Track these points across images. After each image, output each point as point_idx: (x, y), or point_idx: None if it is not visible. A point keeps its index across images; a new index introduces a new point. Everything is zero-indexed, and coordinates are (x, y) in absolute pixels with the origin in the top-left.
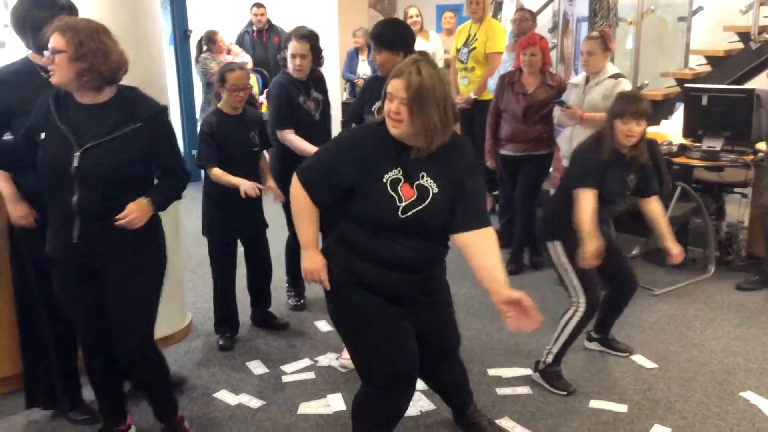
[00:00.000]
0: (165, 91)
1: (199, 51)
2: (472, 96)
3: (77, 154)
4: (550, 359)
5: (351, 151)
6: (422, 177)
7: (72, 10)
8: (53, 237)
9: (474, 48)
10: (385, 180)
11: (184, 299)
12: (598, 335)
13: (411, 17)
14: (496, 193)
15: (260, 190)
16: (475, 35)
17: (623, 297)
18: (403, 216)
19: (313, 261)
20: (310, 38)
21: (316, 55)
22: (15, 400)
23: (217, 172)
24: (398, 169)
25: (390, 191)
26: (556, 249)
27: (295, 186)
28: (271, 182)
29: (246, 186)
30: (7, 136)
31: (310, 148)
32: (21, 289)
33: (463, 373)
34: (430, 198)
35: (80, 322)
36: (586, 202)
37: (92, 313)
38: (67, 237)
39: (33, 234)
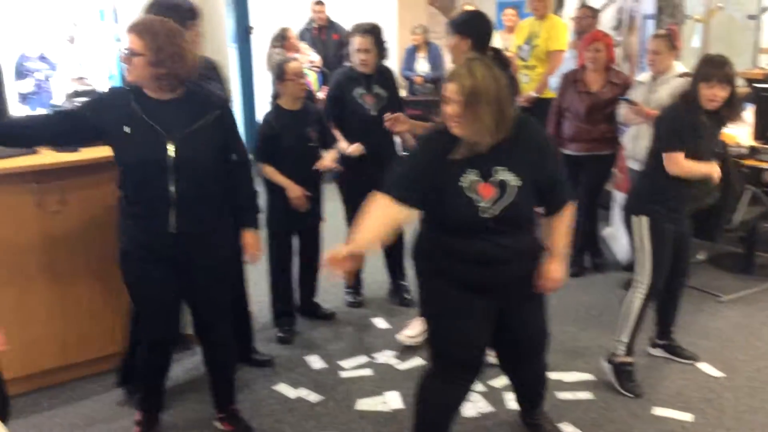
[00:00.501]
0: (230, 87)
1: (272, 46)
2: (533, 94)
3: (171, 145)
4: (622, 350)
5: (425, 158)
6: (499, 172)
7: (195, 14)
8: (142, 230)
9: (536, 45)
10: (461, 183)
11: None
12: (662, 341)
13: None
14: None
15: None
16: (537, 32)
17: (673, 290)
18: (485, 216)
19: (340, 256)
20: (373, 32)
21: (380, 48)
22: (109, 379)
23: (268, 170)
24: (473, 169)
25: (467, 194)
26: (641, 224)
27: (378, 195)
28: (326, 161)
29: (292, 193)
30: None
31: (341, 142)
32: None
33: (544, 373)
34: (509, 191)
35: (155, 312)
36: (680, 160)
37: (169, 303)
38: (163, 228)
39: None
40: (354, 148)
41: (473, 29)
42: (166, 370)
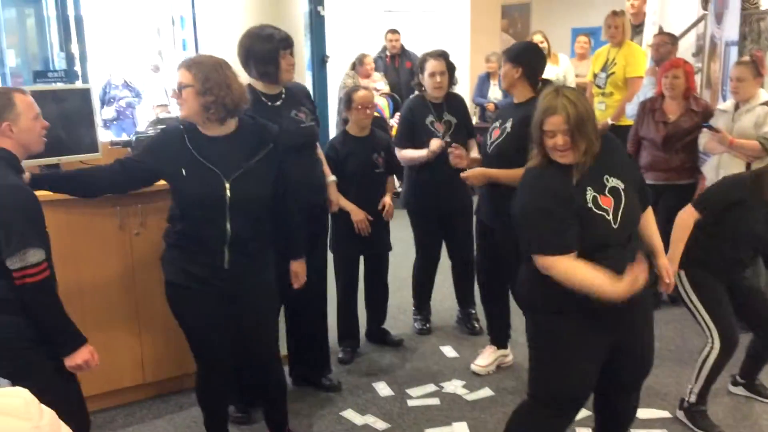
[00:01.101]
0: None
1: (348, 73)
2: (610, 121)
3: (228, 184)
4: (693, 398)
5: (551, 197)
6: (608, 180)
7: (288, 43)
8: (194, 264)
9: (613, 73)
10: (588, 204)
11: None
12: (744, 380)
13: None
14: None
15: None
16: (614, 59)
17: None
18: (616, 225)
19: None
20: (446, 57)
21: (451, 73)
22: (193, 397)
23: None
24: (589, 187)
25: (597, 211)
26: (681, 279)
27: (549, 261)
28: (386, 199)
29: (355, 217)
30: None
31: (417, 154)
32: None
33: (636, 408)
34: (622, 196)
35: (211, 344)
36: (686, 219)
37: (223, 333)
38: (219, 263)
39: None
40: (435, 144)
41: (525, 59)
42: (225, 397)
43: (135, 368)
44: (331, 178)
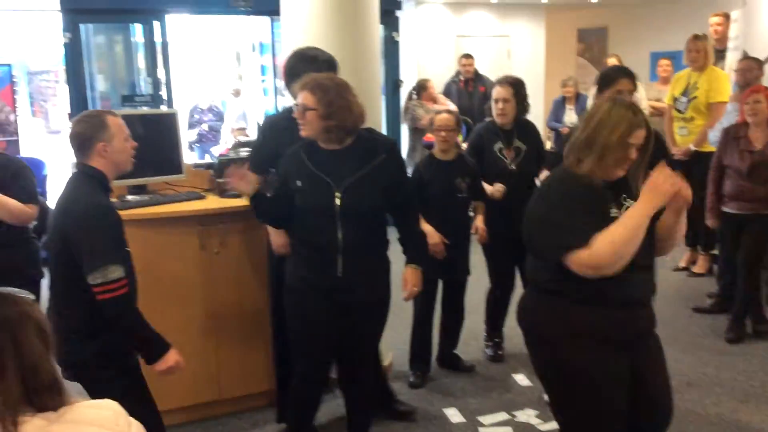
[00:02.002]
0: None
1: (409, 98)
2: (692, 147)
3: (338, 194)
4: None
5: (581, 207)
6: (626, 200)
7: (331, 65)
8: (310, 271)
9: (695, 97)
10: (613, 215)
11: (385, 339)
12: None
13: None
14: (715, 252)
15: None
16: (695, 84)
17: None
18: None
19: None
20: (513, 84)
21: (519, 101)
22: (267, 414)
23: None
24: (613, 204)
25: None
26: None
27: (586, 257)
28: (478, 222)
29: (431, 239)
30: (272, 172)
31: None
32: (278, 311)
33: None
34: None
35: (311, 346)
36: None
37: (326, 340)
38: (332, 272)
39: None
40: (497, 189)
41: (601, 82)
42: (317, 407)
43: (211, 384)
44: None
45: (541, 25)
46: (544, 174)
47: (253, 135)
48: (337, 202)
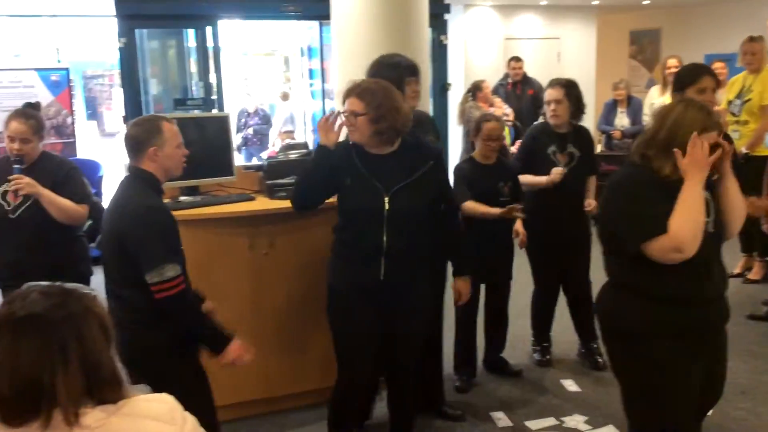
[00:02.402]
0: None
1: (465, 100)
2: (744, 150)
3: (387, 197)
4: None
5: (648, 195)
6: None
7: (413, 71)
8: (355, 274)
9: (748, 100)
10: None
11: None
12: None
13: (669, 68)
14: None
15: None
16: (750, 86)
17: None
18: (713, 230)
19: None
20: (565, 85)
21: (573, 102)
22: (315, 414)
23: (471, 205)
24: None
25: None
26: None
27: (667, 241)
28: (518, 227)
29: (505, 212)
30: None
31: (536, 180)
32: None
33: None
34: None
35: (355, 350)
36: None
37: (370, 343)
38: (375, 275)
39: None
40: (556, 171)
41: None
42: (359, 410)
43: (260, 382)
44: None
45: (592, 26)
46: (593, 181)
47: (300, 138)
48: (386, 205)
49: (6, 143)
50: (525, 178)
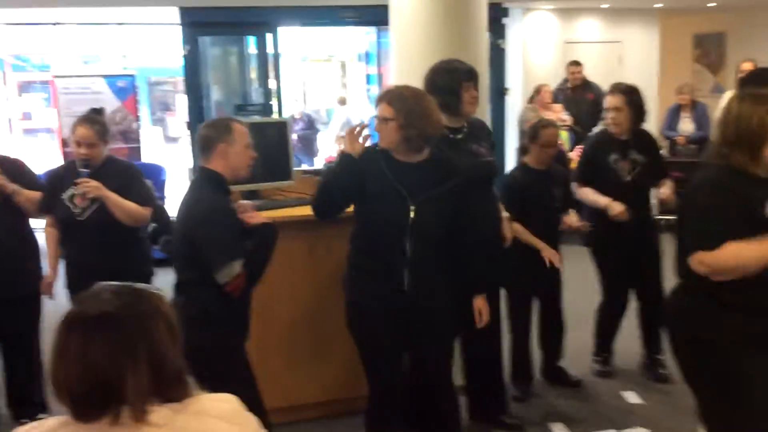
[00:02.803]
0: None
1: (527, 103)
2: None
3: (413, 207)
4: None
5: (730, 204)
6: None
7: (471, 76)
8: (376, 285)
9: None
10: None
11: None
12: None
13: (743, 72)
14: None
15: None
16: None
17: None
18: None
19: None
20: (625, 92)
21: (634, 110)
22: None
23: (517, 228)
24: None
25: None
26: None
27: (707, 257)
28: (569, 219)
29: (548, 253)
30: None
31: (597, 200)
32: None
33: None
34: None
35: (386, 365)
36: None
37: (395, 354)
38: (398, 285)
39: None
40: (619, 210)
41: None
42: (394, 422)
43: (314, 386)
44: (505, 213)
45: (654, 30)
46: (668, 185)
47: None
48: (411, 216)
49: (73, 148)
50: (586, 194)
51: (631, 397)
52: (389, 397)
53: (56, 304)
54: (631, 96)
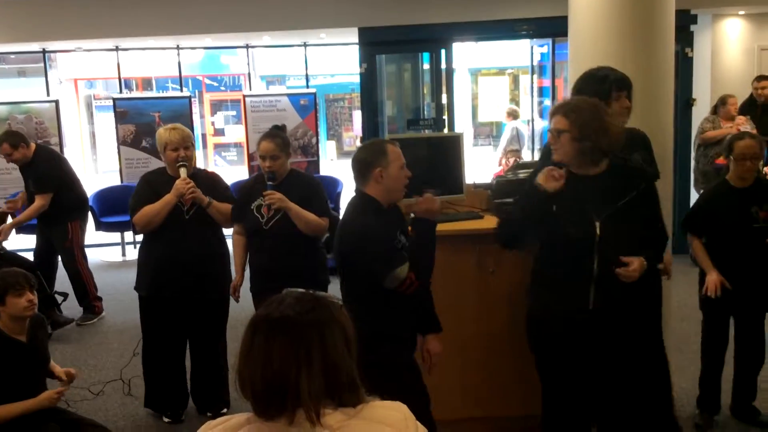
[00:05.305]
0: (669, 161)
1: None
2: None
3: (598, 223)
4: None
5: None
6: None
7: (622, 85)
8: (560, 303)
9: None
10: None
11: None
12: None
13: None
14: None
15: None
16: None
17: None
18: None
19: None
20: None
21: None
22: None
23: (695, 245)
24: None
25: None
26: None
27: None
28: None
29: (710, 279)
30: None
31: None
32: None
33: None
34: None
35: (566, 386)
36: None
37: (580, 379)
38: (583, 303)
39: None
40: None
41: None
42: None
43: (480, 401)
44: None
45: None
46: None
47: (526, 156)
48: (597, 231)
49: (260, 162)
50: None
51: None
52: (564, 417)
53: (242, 306)
54: None
